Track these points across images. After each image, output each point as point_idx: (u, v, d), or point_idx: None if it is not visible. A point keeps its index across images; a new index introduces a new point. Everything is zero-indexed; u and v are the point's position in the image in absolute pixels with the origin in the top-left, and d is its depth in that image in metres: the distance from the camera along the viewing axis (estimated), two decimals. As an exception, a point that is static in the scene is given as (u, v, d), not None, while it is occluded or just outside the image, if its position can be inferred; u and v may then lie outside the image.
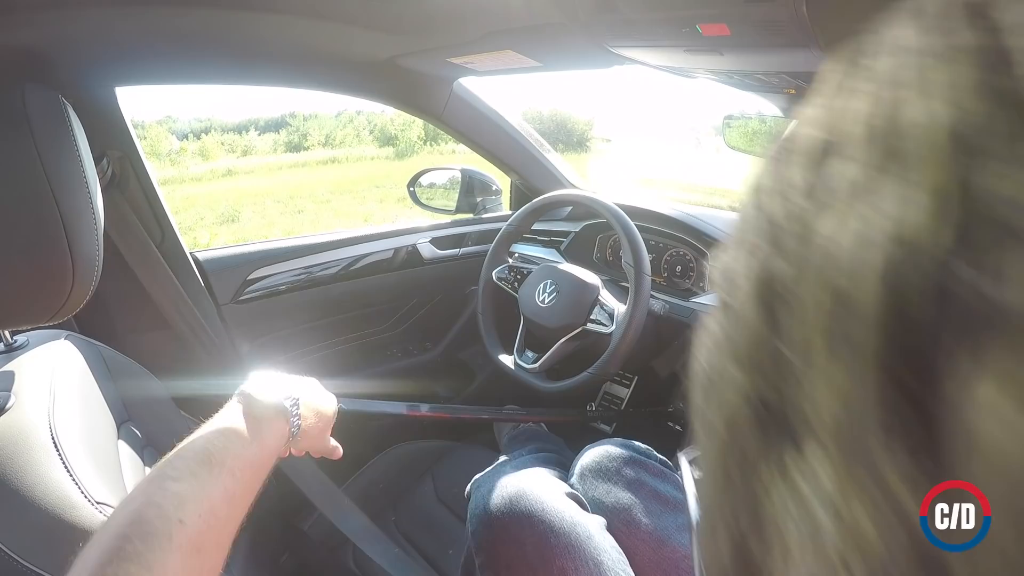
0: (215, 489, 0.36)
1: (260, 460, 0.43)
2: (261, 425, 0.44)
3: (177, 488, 0.35)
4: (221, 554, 0.36)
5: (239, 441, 0.41)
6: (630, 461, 0.67)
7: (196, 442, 0.39)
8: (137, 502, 0.34)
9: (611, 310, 0.98)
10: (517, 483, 0.61)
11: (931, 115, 0.10)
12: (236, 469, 0.39)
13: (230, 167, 12.50)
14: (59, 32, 0.70)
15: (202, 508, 0.35)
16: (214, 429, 0.42)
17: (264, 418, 0.45)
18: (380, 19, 0.80)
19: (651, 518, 0.62)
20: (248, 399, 0.46)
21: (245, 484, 0.40)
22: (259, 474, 0.42)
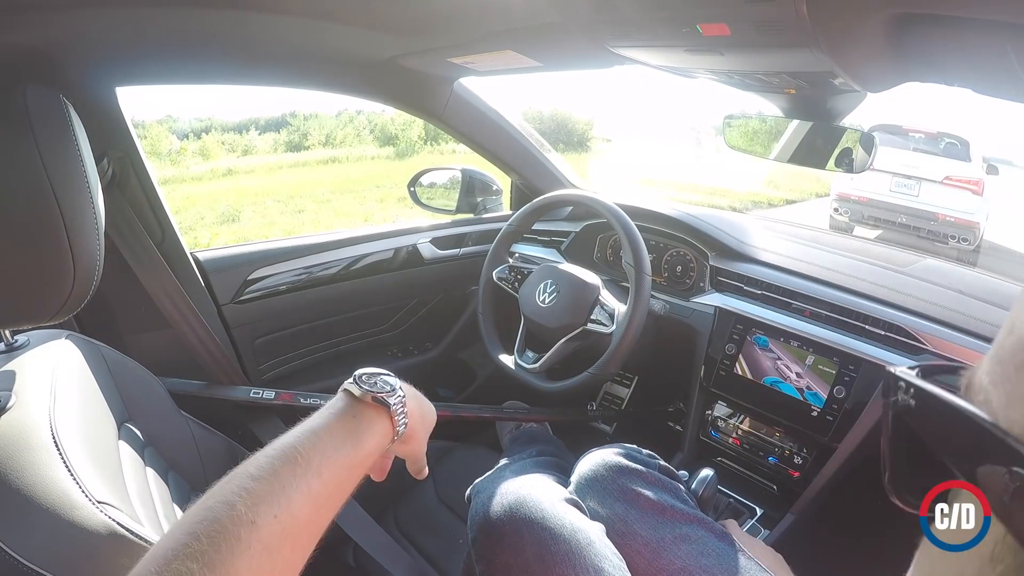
0: (296, 490, 0.35)
1: (354, 462, 0.40)
2: (360, 424, 0.42)
3: (254, 486, 0.34)
4: (299, 555, 0.35)
5: (331, 441, 0.39)
6: (626, 471, 0.67)
7: (285, 439, 0.38)
8: (214, 499, 0.33)
9: (611, 310, 0.98)
10: (517, 489, 0.61)
11: None
12: (323, 469, 0.37)
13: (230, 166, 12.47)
14: (60, 32, 0.70)
15: (279, 509, 0.34)
16: (307, 427, 0.40)
17: (364, 416, 0.42)
18: (381, 19, 0.80)
19: (647, 529, 0.61)
20: (349, 396, 0.43)
21: (333, 486, 0.38)
22: (352, 476, 0.40)
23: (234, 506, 0.32)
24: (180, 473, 0.70)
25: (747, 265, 1.03)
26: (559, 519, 0.57)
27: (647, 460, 0.70)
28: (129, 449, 0.61)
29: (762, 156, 0.86)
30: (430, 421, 0.53)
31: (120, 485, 0.52)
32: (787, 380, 0.92)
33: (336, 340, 1.25)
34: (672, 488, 0.67)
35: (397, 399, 0.44)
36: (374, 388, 0.44)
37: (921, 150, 4.71)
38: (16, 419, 0.49)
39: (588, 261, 1.22)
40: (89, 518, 0.43)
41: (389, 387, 0.44)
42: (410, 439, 0.48)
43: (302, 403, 0.99)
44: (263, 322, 1.11)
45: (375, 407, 0.43)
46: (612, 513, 0.63)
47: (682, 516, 0.63)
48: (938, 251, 4.08)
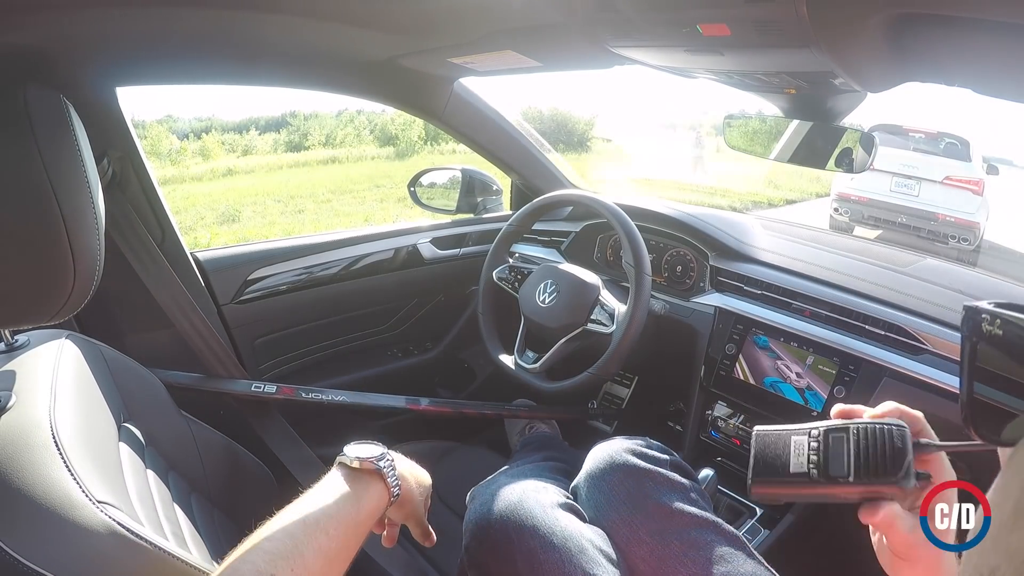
0: (308, 547, 0.40)
1: (357, 520, 0.46)
2: (357, 487, 0.47)
3: (270, 546, 0.39)
4: None
5: (334, 504, 0.45)
6: (634, 472, 0.64)
7: (294, 506, 0.45)
8: (233, 558, 0.38)
9: (611, 310, 0.98)
10: (510, 496, 0.60)
11: None
12: (330, 528, 0.43)
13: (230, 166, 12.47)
14: (60, 32, 0.70)
15: (294, 563, 0.39)
16: (313, 494, 0.46)
17: (360, 480, 0.48)
18: (381, 19, 0.80)
19: (653, 536, 0.59)
20: (344, 467, 0.49)
21: (340, 542, 0.43)
22: (357, 533, 0.46)
23: (254, 563, 0.38)
24: (180, 473, 0.70)
25: (747, 265, 1.03)
26: (550, 526, 0.57)
27: (658, 457, 0.67)
28: (129, 449, 0.61)
29: (762, 156, 0.86)
30: (425, 485, 0.58)
31: (120, 485, 0.52)
32: (787, 380, 0.92)
33: (336, 340, 1.25)
34: (682, 488, 0.64)
35: (386, 462, 0.50)
36: (363, 455, 0.50)
37: (921, 150, 4.71)
38: (16, 419, 0.49)
39: (588, 261, 1.22)
40: (89, 518, 0.43)
41: (378, 454, 0.50)
42: (406, 501, 0.53)
43: (303, 398, 0.99)
44: (263, 322, 1.11)
45: (368, 472, 0.49)
46: (618, 517, 0.61)
47: (691, 520, 0.60)
48: (938, 251, 4.08)
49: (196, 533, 0.62)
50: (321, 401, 1.00)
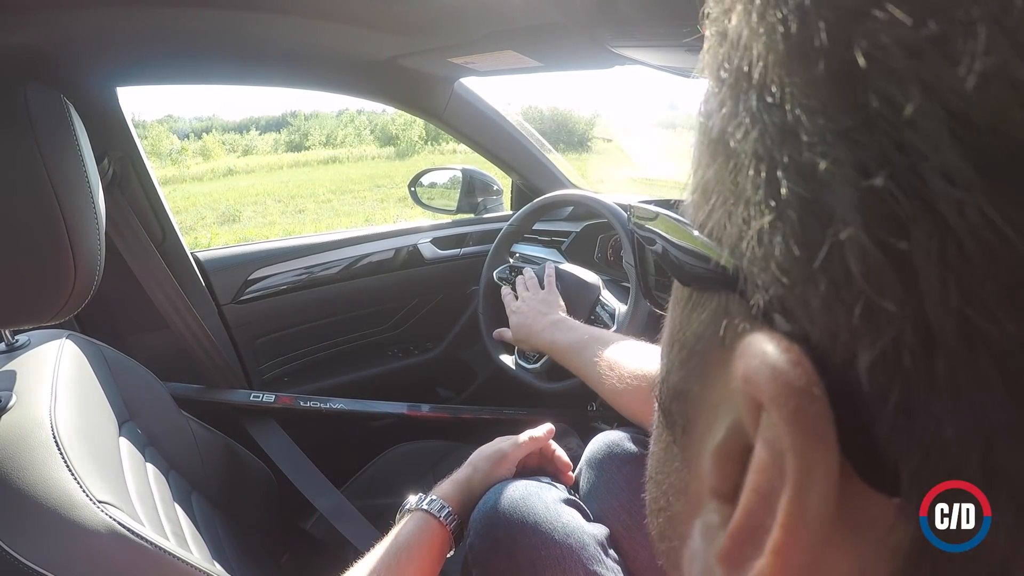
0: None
1: (409, 556, 0.53)
2: (402, 534, 0.55)
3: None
4: None
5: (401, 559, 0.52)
6: (633, 458, 0.65)
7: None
8: None
9: (612, 310, 0.98)
10: (513, 494, 0.60)
11: None
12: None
13: (231, 166, 12.49)
14: (61, 32, 0.70)
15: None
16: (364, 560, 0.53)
17: (407, 525, 0.56)
18: (381, 19, 0.80)
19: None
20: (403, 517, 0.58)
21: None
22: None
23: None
24: (181, 473, 0.70)
25: None
26: (552, 523, 0.57)
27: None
28: (130, 449, 0.61)
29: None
30: (496, 449, 0.65)
31: (121, 485, 0.52)
32: (788, 380, 0.92)
33: (337, 340, 1.25)
34: None
35: (434, 504, 0.58)
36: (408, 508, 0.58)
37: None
38: (17, 419, 0.49)
39: (589, 261, 1.22)
40: (90, 518, 0.43)
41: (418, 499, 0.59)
42: (477, 491, 0.61)
43: (301, 407, 0.99)
44: (264, 322, 1.12)
45: (414, 517, 0.57)
46: (618, 504, 0.62)
47: None
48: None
49: (197, 533, 0.62)
50: (320, 409, 1.00)
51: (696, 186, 0.15)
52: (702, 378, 0.15)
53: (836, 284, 0.10)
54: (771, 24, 0.11)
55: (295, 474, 0.93)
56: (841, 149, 0.10)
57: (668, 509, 0.18)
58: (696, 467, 0.15)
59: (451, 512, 0.57)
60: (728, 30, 0.12)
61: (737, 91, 0.12)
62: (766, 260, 0.11)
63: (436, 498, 0.58)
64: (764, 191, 0.11)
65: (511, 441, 0.66)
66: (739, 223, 0.12)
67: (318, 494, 0.91)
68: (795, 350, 0.11)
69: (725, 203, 0.13)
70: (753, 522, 0.12)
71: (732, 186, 0.12)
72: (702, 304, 0.15)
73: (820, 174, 0.10)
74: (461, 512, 0.59)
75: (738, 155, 0.12)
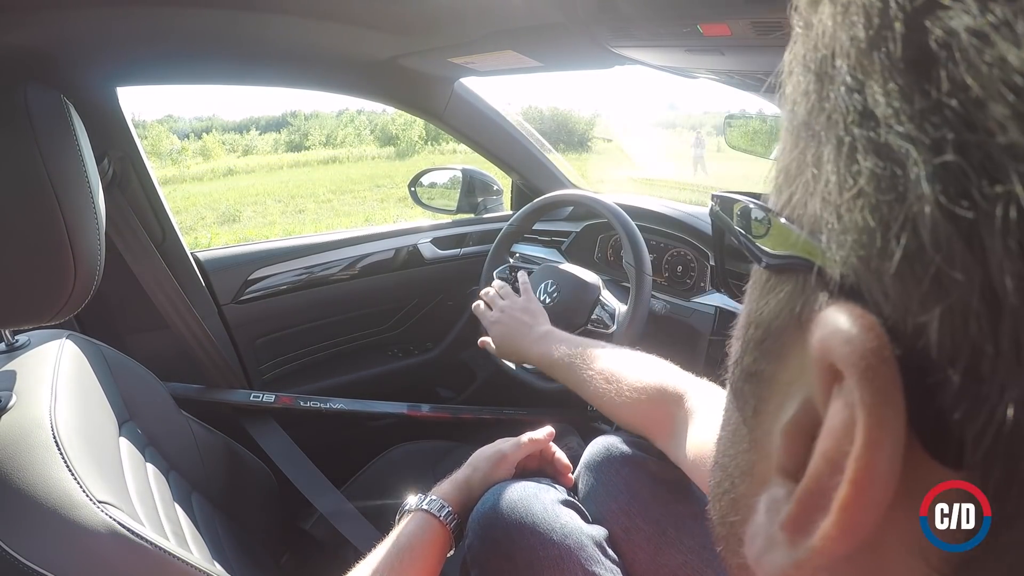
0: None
1: (412, 557, 0.54)
2: (403, 535, 0.55)
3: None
4: None
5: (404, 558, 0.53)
6: (630, 461, 0.65)
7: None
8: None
9: (612, 310, 0.98)
10: (511, 494, 0.60)
11: None
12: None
13: (231, 166, 12.49)
14: (61, 32, 0.70)
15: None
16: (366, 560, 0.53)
17: (407, 526, 0.56)
18: (381, 19, 0.80)
19: (650, 523, 0.60)
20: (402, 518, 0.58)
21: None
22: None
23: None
24: (181, 473, 0.70)
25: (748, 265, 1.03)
26: (550, 523, 0.57)
27: (655, 448, 0.67)
28: (130, 449, 0.61)
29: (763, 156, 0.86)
30: (497, 450, 0.65)
31: (121, 485, 0.52)
32: (788, 380, 0.92)
33: (337, 340, 1.25)
34: (678, 478, 0.63)
35: (433, 504, 0.58)
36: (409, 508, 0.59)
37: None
38: (17, 419, 0.49)
39: (589, 261, 1.22)
40: (90, 518, 0.43)
41: (418, 500, 0.59)
42: (477, 487, 0.62)
43: (302, 407, 0.99)
44: (264, 322, 1.12)
45: (414, 517, 0.57)
46: (616, 506, 0.62)
47: (687, 509, 0.61)
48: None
49: (197, 533, 0.62)
50: (320, 409, 1.00)
51: (779, 171, 0.16)
52: (777, 358, 0.16)
53: (909, 256, 0.11)
54: (855, 16, 0.12)
55: (295, 474, 0.93)
56: (916, 129, 0.11)
57: (732, 491, 0.18)
58: (764, 447, 0.16)
59: (451, 512, 0.57)
60: (815, 22, 0.13)
61: (822, 79, 0.13)
62: (843, 236, 0.12)
63: (436, 498, 0.58)
64: (844, 171, 0.12)
65: (511, 442, 0.66)
66: (819, 203, 0.13)
67: (318, 494, 0.91)
68: (868, 317, 0.12)
69: (806, 185, 0.14)
70: (820, 486, 0.12)
71: (814, 168, 0.13)
72: (779, 286, 0.16)
73: (896, 153, 0.11)
74: (461, 512, 0.59)
75: (820, 138, 0.13)
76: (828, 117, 0.13)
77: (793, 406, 0.14)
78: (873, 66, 0.11)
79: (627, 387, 0.62)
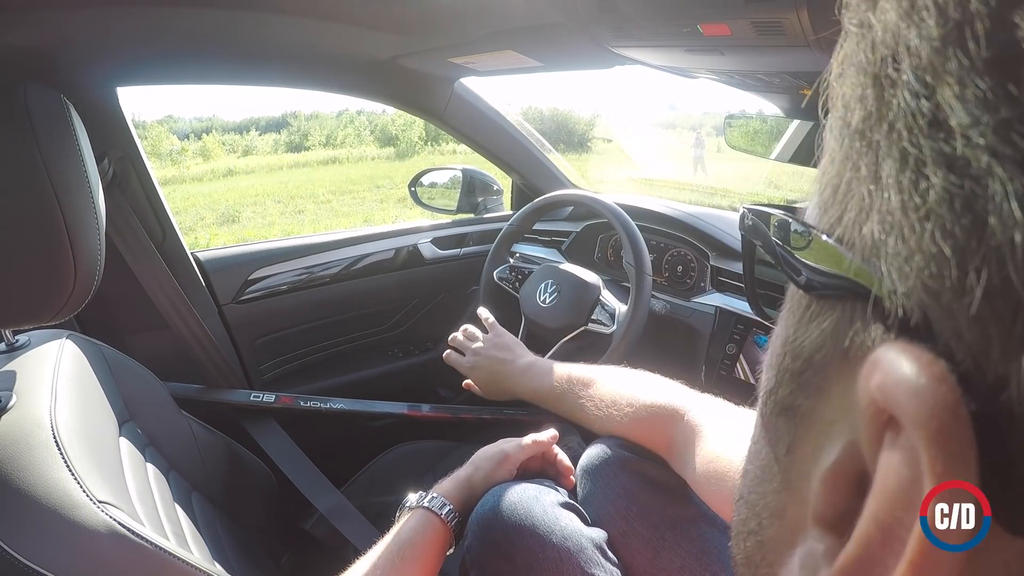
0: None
1: (412, 555, 0.54)
2: (404, 532, 0.55)
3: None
4: None
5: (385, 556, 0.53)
6: (629, 465, 0.65)
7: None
8: None
9: (612, 310, 0.98)
10: (511, 496, 0.60)
11: None
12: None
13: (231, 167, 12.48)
14: (61, 32, 0.70)
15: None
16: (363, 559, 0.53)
17: (407, 523, 0.56)
18: (382, 19, 0.80)
19: (648, 527, 0.60)
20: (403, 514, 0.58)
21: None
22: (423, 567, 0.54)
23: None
24: (181, 473, 0.70)
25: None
26: (549, 525, 0.57)
27: (645, 452, 0.68)
28: (130, 449, 0.61)
29: (763, 156, 0.86)
30: (499, 450, 0.66)
31: (121, 485, 0.52)
32: (788, 380, 0.92)
33: (337, 340, 1.25)
34: (677, 482, 0.64)
35: (434, 501, 0.58)
36: (409, 505, 0.59)
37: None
38: (17, 419, 0.49)
39: (589, 261, 1.22)
40: (90, 518, 0.43)
41: (419, 497, 0.59)
42: (479, 487, 0.62)
43: (302, 407, 0.99)
44: (264, 322, 1.12)
45: (416, 514, 0.57)
46: (615, 510, 0.62)
47: (686, 513, 0.61)
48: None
49: (197, 533, 0.62)
50: (320, 409, 1.00)
51: (825, 185, 0.14)
52: (817, 393, 0.14)
53: (991, 293, 0.09)
54: (925, 12, 0.10)
55: (295, 474, 0.93)
56: (1000, 141, 0.09)
57: (759, 533, 0.17)
58: (799, 490, 0.14)
59: (452, 510, 0.57)
60: (873, 20, 0.12)
61: (882, 83, 0.12)
62: (907, 264, 0.10)
63: (437, 496, 0.58)
64: (909, 188, 0.10)
65: (514, 443, 0.66)
66: (876, 224, 0.11)
67: (318, 494, 0.91)
68: (939, 365, 0.10)
69: (861, 203, 0.12)
70: (870, 553, 0.11)
71: (871, 184, 0.12)
72: (823, 313, 0.14)
73: (975, 170, 0.09)
74: (462, 510, 0.59)
75: (879, 150, 0.11)
76: (889, 126, 0.11)
77: (835, 450, 0.12)
78: (947, 68, 0.10)
79: (623, 408, 0.63)
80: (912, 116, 0.10)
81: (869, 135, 0.12)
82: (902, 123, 0.11)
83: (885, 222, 0.11)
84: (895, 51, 0.11)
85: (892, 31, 0.11)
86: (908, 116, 0.11)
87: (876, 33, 0.12)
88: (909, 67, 0.11)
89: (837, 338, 0.13)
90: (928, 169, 0.10)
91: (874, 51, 0.12)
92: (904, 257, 0.11)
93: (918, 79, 0.10)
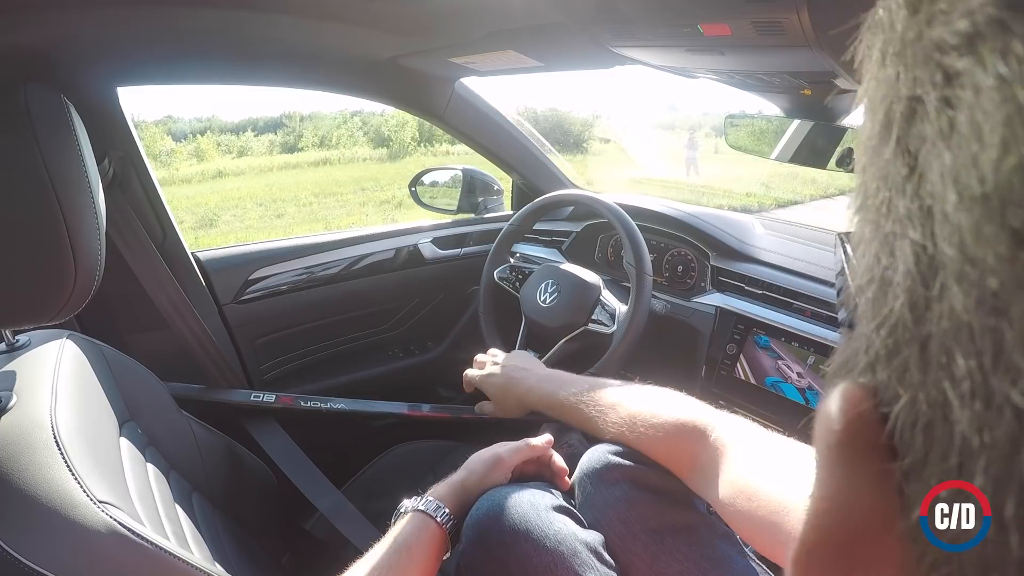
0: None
1: (411, 557, 0.54)
2: (402, 535, 0.56)
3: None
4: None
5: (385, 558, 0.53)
6: (628, 469, 0.64)
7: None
8: None
9: (612, 310, 0.98)
10: (504, 500, 0.60)
11: None
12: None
13: (221, 168, 12.38)
14: (61, 32, 0.70)
15: None
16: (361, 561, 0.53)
17: (405, 527, 0.57)
18: (382, 19, 0.80)
19: (646, 532, 0.59)
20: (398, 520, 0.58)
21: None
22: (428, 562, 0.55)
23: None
24: (181, 473, 0.70)
25: (748, 265, 1.03)
26: (543, 529, 0.57)
27: (646, 459, 0.68)
28: (130, 449, 0.61)
29: (763, 156, 0.86)
30: (494, 453, 0.65)
31: (121, 485, 0.52)
32: (788, 380, 0.92)
33: (337, 340, 1.25)
34: (677, 487, 0.64)
35: (429, 504, 0.59)
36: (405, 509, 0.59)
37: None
38: (17, 419, 0.49)
39: (589, 261, 1.22)
40: (90, 518, 0.43)
41: (414, 501, 0.60)
42: (475, 489, 0.62)
43: (302, 406, 0.99)
44: (264, 322, 1.11)
45: (412, 517, 0.58)
46: (614, 515, 0.61)
47: (685, 518, 0.61)
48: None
49: (197, 533, 0.62)
50: (320, 409, 1.00)
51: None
52: None
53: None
54: None
55: (296, 474, 0.93)
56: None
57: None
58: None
59: (448, 513, 0.58)
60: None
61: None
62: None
63: (432, 499, 0.58)
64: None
65: (509, 447, 0.66)
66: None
67: (319, 494, 0.91)
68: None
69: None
70: None
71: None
72: None
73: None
74: (457, 514, 0.59)
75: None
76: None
77: None
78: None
79: (642, 424, 0.62)
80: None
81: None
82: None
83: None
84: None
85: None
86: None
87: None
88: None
89: None
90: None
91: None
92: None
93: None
